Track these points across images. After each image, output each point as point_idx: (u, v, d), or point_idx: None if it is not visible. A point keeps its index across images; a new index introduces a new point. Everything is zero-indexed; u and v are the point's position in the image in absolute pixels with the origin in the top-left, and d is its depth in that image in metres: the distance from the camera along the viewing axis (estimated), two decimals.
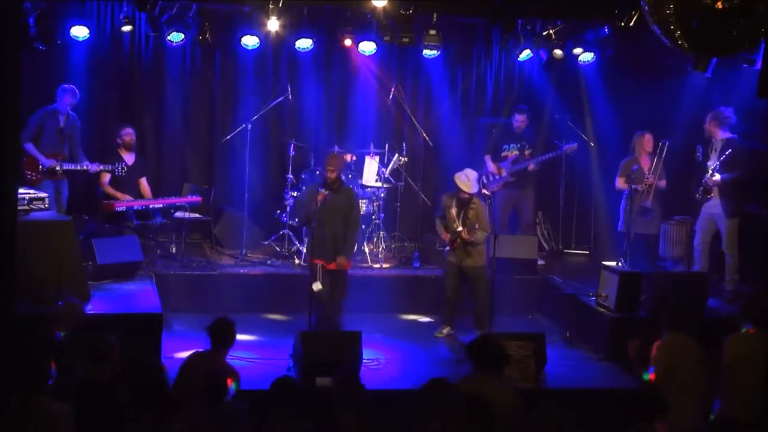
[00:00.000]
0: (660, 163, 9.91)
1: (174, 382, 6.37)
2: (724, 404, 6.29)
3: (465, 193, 9.07)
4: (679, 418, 5.96)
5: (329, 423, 5.41)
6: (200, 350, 6.61)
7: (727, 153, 9.33)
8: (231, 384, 5.88)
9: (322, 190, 8.67)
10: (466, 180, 9.07)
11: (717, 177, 9.38)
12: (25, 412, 4.91)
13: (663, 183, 10.05)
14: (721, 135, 9.51)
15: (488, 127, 11.77)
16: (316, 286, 8.68)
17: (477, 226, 8.94)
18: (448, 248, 9.27)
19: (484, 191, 10.15)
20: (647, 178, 9.89)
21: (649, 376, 6.39)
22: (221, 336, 6.47)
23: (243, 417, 5.47)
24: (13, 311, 6.03)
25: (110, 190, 9.99)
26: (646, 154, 10.14)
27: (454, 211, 9.17)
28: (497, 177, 10.86)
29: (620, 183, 10.21)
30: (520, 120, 10.91)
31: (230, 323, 6.53)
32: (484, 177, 10.87)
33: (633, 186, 9.95)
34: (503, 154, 10.95)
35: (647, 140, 10.15)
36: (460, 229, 9.06)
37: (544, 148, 11.12)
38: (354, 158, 10.94)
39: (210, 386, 5.69)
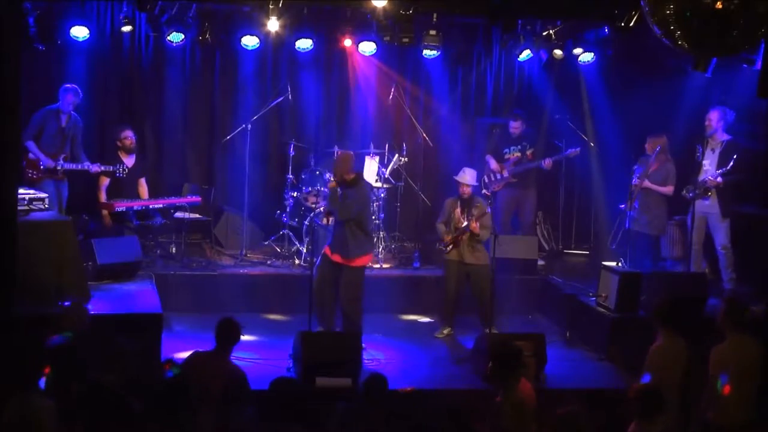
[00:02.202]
0: (652, 164, 9.83)
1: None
2: (714, 411, 6.31)
3: (465, 189, 9.17)
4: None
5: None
6: (202, 350, 6.58)
7: (733, 158, 9.28)
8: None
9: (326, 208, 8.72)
10: (462, 174, 9.25)
11: (720, 180, 9.34)
12: (18, 409, 4.92)
13: (667, 190, 9.86)
14: (722, 135, 9.49)
15: (488, 127, 11.77)
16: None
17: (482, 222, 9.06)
18: (449, 248, 9.27)
19: (485, 191, 10.18)
20: (639, 178, 9.85)
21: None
22: (227, 335, 6.42)
23: (251, 421, 5.47)
24: (13, 311, 6.05)
25: (103, 198, 9.95)
26: (650, 156, 10.09)
27: (458, 210, 9.22)
28: (499, 176, 10.86)
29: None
30: (514, 126, 10.91)
31: (236, 323, 6.47)
32: (485, 176, 10.88)
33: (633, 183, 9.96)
34: (505, 156, 10.94)
35: (649, 143, 10.08)
36: (465, 224, 9.09)
37: (545, 148, 11.12)
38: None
39: (226, 388, 5.71)
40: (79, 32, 10.08)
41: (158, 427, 5.06)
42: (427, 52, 11.05)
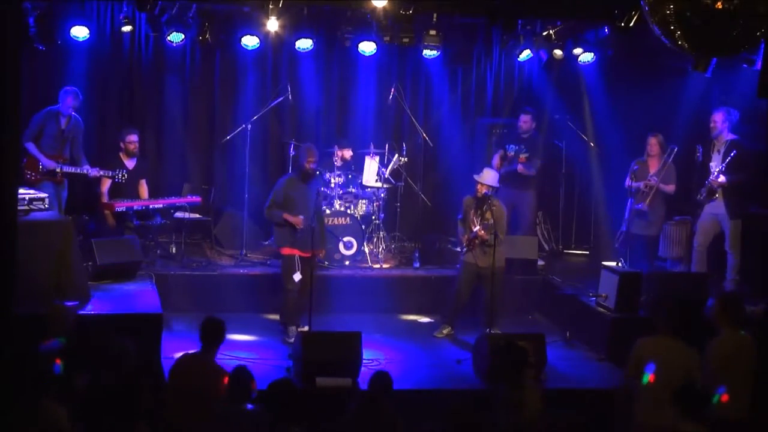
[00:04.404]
0: (665, 167, 9.83)
1: (168, 384, 6.36)
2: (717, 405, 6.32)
3: (480, 188, 9.12)
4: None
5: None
6: (190, 352, 6.58)
7: (732, 155, 9.28)
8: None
9: (302, 217, 8.90)
10: (481, 174, 9.21)
11: (722, 179, 9.34)
12: (32, 414, 4.91)
13: (671, 188, 9.90)
14: (727, 135, 9.48)
15: (488, 127, 11.77)
16: (297, 277, 8.84)
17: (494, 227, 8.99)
18: (464, 249, 9.26)
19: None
20: (649, 180, 9.85)
21: (649, 377, 6.39)
22: (214, 335, 6.43)
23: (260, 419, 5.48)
24: (12, 311, 6.03)
25: (105, 198, 9.93)
26: (651, 157, 10.07)
27: (473, 211, 9.20)
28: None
29: (628, 182, 10.14)
30: (523, 120, 10.91)
31: (220, 322, 6.49)
32: None
33: (635, 184, 9.92)
34: (508, 154, 10.95)
35: (651, 144, 10.06)
36: (476, 228, 9.08)
37: (544, 149, 11.12)
38: (352, 155, 10.94)
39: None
40: (79, 32, 10.06)
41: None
42: (427, 52, 11.05)
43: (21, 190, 8.07)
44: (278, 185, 9.25)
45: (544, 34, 10.96)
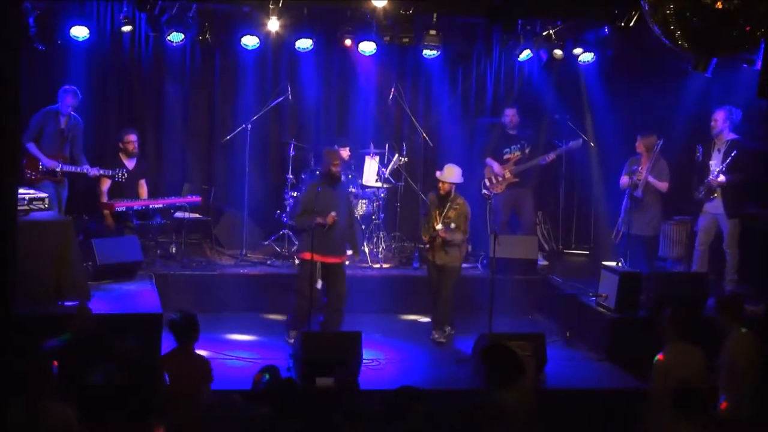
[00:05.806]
0: (653, 161, 9.81)
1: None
2: (726, 404, 6.32)
3: (441, 185, 9.13)
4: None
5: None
6: (170, 350, 6.50)
7: (733, 155, 9.28)
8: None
9: (333, 213, 8.70)
10: (442, 172, 9.21)
11: (722, 178, 9.34)
12: (29, 416, 4.90)
13: (663, 185, 9.91)
14: (728, 135, 9.49)
15: (488, 127, 11.77)
16: (319, 284, 8.73)
17: (453, 226, 9.04)
18: (427, 246, 9.32)
19: (485, 192, 10.19)
20: (640, 172, 9.84)
21: (658, 357, 6.38)
22: (189, 330, 6.38)
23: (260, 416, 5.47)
24: (12, 311, 6.04)
25: (105, 198, 9.93)
26: (643, 156, 10.06)
27: (436, 209, 9.24)
28: (501, 178, 10.85)
29: (622, 181, 10.15)
30: (510, 114, 10.91)
31: (193, 316, 6.42)
32: (486, 180, 10.89)
33: (630, 180, 9.91)
34: (506, 157, 10.93)
35: (638, 144, 10.07)
36: (438, 227, 9.09)
37: (544, 148, 11.12)
38: (349, 154, 10.94)
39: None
40: (79, 32, 10.06)
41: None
42: (427, 52, 11.05)
43: (21, 190, 8.07)
44: (306, 192, 9.11)
45: (544, 34, 10.96)
